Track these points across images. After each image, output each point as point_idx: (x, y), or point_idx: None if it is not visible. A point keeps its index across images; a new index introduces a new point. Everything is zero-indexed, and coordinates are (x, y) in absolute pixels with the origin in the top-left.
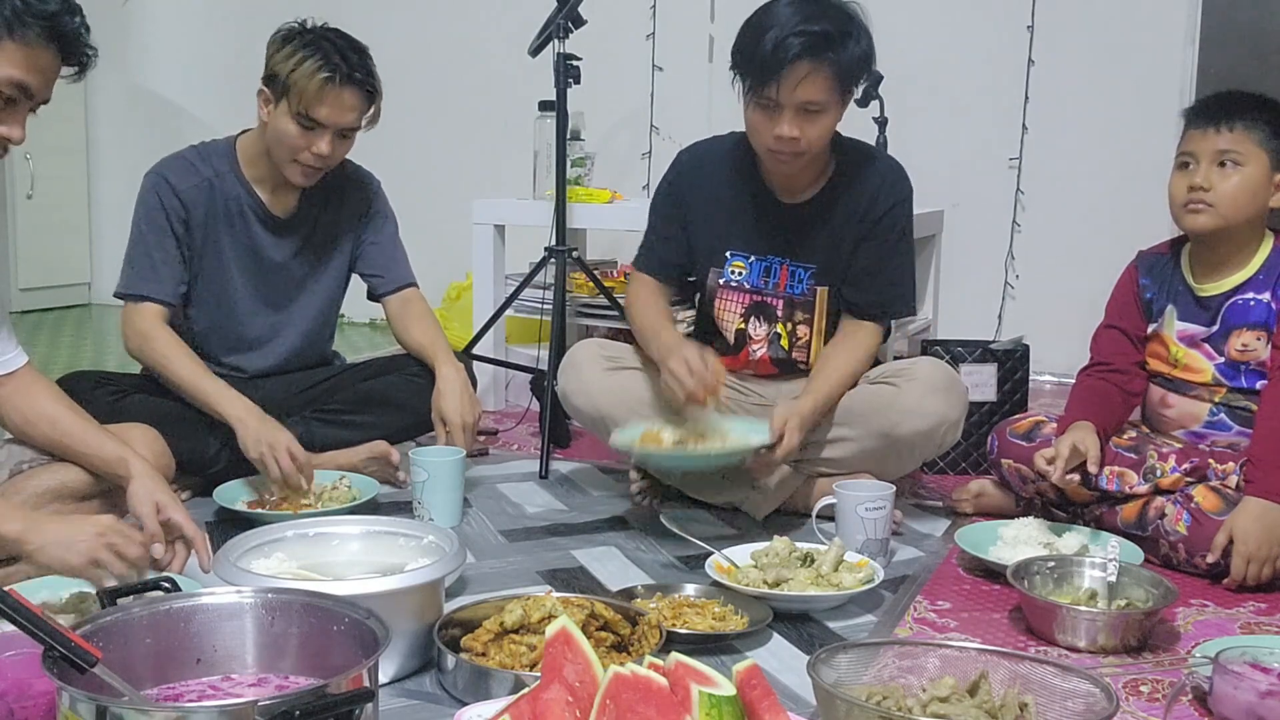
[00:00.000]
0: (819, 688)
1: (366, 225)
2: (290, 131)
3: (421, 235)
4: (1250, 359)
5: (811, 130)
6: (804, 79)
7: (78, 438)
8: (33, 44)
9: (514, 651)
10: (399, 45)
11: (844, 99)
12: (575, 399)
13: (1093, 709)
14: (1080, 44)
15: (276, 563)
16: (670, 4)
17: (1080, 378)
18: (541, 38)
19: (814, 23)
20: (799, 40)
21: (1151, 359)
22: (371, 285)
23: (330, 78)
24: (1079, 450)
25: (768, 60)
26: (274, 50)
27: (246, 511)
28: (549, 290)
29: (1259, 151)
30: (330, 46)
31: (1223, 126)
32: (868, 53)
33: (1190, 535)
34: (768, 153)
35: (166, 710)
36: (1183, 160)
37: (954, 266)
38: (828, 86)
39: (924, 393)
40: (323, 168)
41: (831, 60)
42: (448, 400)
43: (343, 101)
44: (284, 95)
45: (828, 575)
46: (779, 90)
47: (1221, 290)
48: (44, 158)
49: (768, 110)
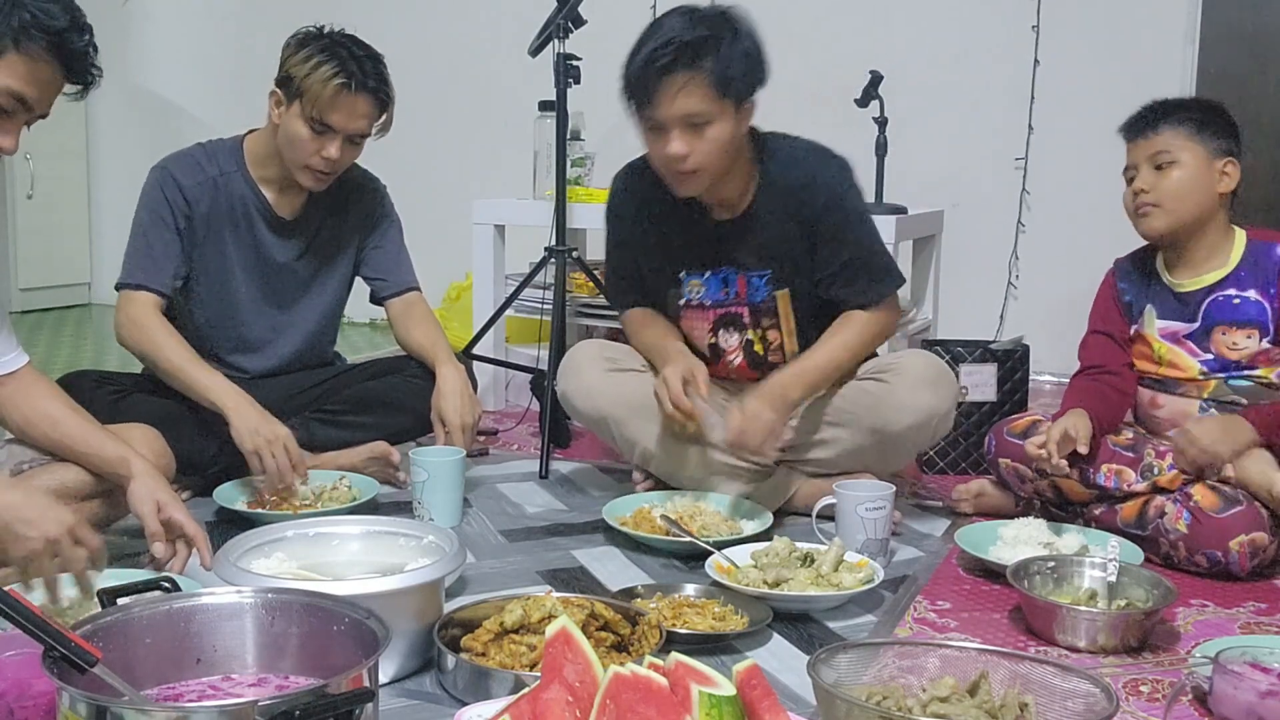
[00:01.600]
0: (819, 688)
1: (372, 230)
2: (302, 135)
3: (421, 235)
4: (1242, 356)
5: (702, 145)
6: (680, 91)
7: (78, 438)
8: (37, 58)
9: (514, 651)
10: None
11: (736, 107)
12: (576, 400)
13: (1093, 709)
14: (1085, 44)
15: (276, 563)
16: (670, 4)
17: (1073, 381)
18: (541, 38)
19: (685, 32)
20: (668, 52)
21: (1137, 359)
22: (374, 288)
23: (345, 84)
24: (1070, 436)
25: (641, 78)
26: (290, 53)
27: (246, 511)
28: (549, 290)
29: (1190, 145)
30: (346, 53)
31: (1150, 131)
32: (749, 54)
33: (1190, 534)
34: (667, 176)
35: (166, 710)
36: (1128, 174)
37: (954, 266)
38: (708, 95)
39: (913, 387)
40: (332, 172)
41: (707, 68)
42: (447, 401)
43: (356, 108)
44: (297, 98)
45: (828, 575)
46: (658, 107)
47: (1200, 286)
48: (44, 158)
49: (656, 131)
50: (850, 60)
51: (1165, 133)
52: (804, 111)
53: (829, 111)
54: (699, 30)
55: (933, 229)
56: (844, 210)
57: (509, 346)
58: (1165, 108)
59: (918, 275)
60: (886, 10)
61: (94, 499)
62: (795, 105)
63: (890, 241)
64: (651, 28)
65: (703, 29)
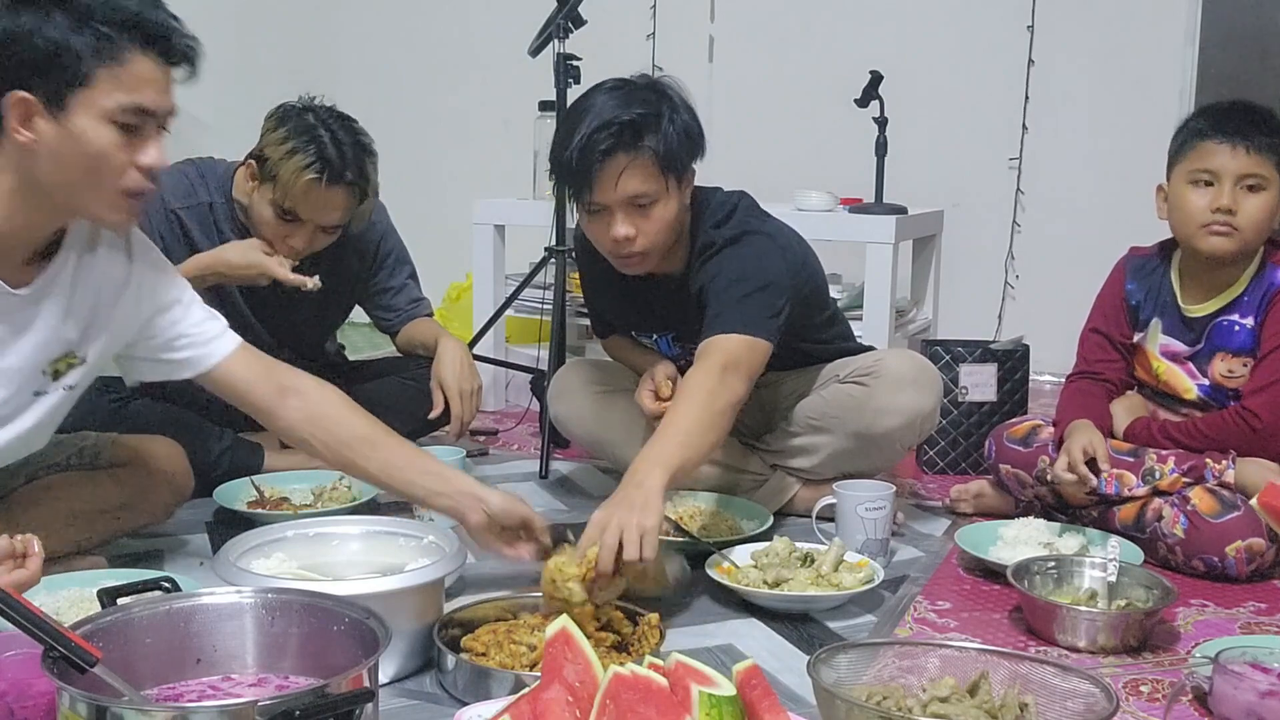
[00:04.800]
0: (819, 688)
1: (375, 270)
2: (269, 220)
3: (421, 235)
4: (1235, 385)
5: (648, 225)
6: (623, 173)
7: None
8: (127, 61)
9: (514, 651)
10: (399, 45)
11: (679, 183)
12: (570, 425)
13: (1093, 709)
14: (1080, 44)
15: (276, 563)
16: (670, 4)
17: (1070, 384)
18: (541, 38)
19: (623, 112)
20: (606, 134)
21: (1137, 368)
22: (382, 326)
23: (318, 178)
24: (1087, 451)
25: (579, 164)
26: (268, 129)
27: (246, 511)
28: (549, 290)
29: (1276, 175)
30: (328, 138)
31: (1248, 145)
32: (688, 127)
33: (1188, 538)
34: (612, 259)
35: (166, 710)
36: (1202, 178)
37: (954, 266)
38: (651, 175)
39: (894, 389)
40: (297, 259)
41: (649, 147)
42: (447, 368)
43: (328, 201)
44: (270, 181)
45: (828, 575)
46: (599, 191)
47: (1208, 311)
48: None
49: (599, 215)
50: (850, 60)
51: (1263, 153)
52: (804, 111)
53: (829, 111)
54: (635, 109)
55: (933, 229)
56: (736, 247)
57: (509, 346)
58: (1260, 121)
59: (918, 275)
60: (886, 10)
61: (119, 511)
62: (795, 105)
63: (890, 241)
64: (582, 109)
65: (638, 107)
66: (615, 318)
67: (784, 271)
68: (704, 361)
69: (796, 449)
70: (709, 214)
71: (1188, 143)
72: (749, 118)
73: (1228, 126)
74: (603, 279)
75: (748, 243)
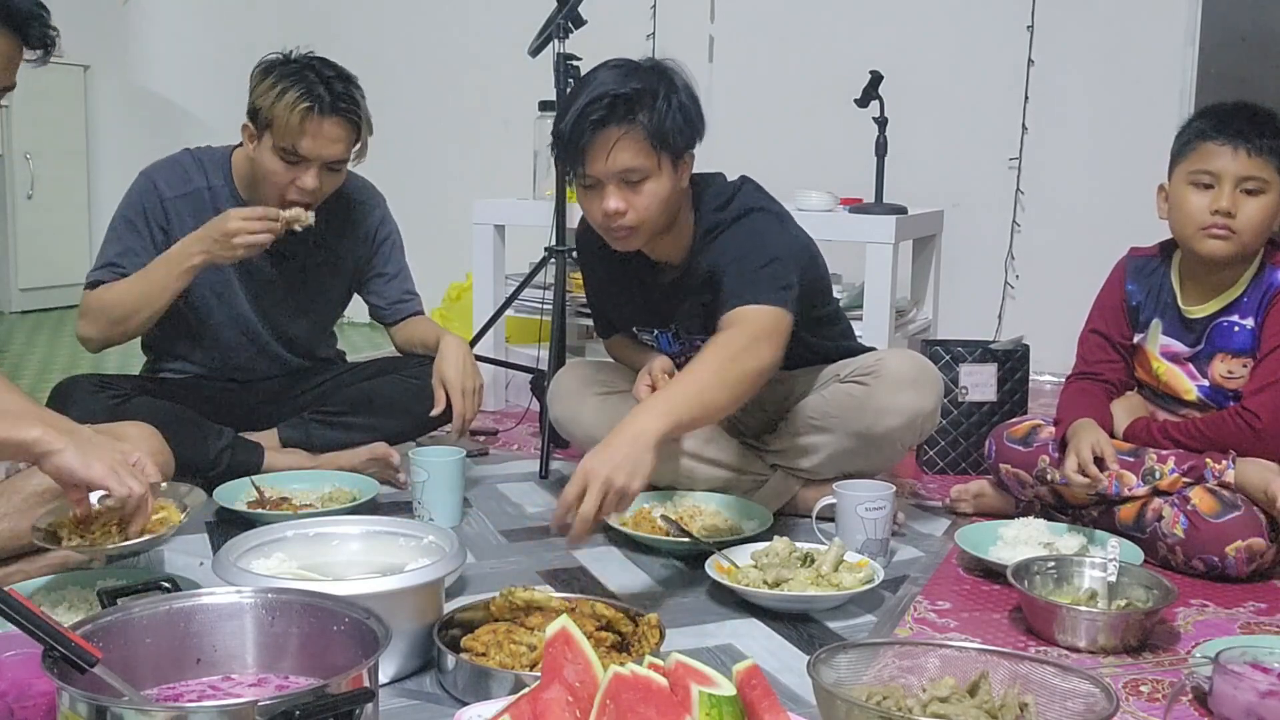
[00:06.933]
0: (819, 688)
1: (373, 252)
2: (275, 168)
3: (421, 235)
4: (1235, 386)
5: (639, 200)
6: (614, 146)
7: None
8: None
9: (514, 651)
10: (400, 46)
11: (674, 162)
12: (570, 427)
13: (1093, 709)
14: (1080, 44)
15: (276, 563)
16: (670, 4)
17: (1070, 384)
18: (541, 38)
19: (619, 86)
20: (600, 106)
21: (1137, 369)
22: (378, 315)
23: (310, 108)
24: (1095, 451)
25: (574, 133)
26: (255, 83)
27: (246, 511)
28: (549, 290)
29: (1277, 178)
30: (313, 76)
31: (1249, 148)
32: (685, 107)
33: (1187, 538)
34: (604, 233)
35: (166, 710)
36: (1202, 179)
37: (954, 266)
38: (643, 150)
39: (895, 389)
40: (312, 202)
41: (641, 122)
42: (449, 364)
43: (325, 132)
44: (266, 129)
45: (828, 575)
46: (592, 163)
47: (1208, 312)
48: (44, 158)
49: (592, 189)
50: (850, 60)
51: (1264, 155)
52: (804, 111)
53: (829, 111)
54: (632, 83)
55: (933, 229)
56: (743, 223)
57: (509, 347)
58: (1261, 122)
59: (918, 275)
60: (886, 10)
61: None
62: (795, 105)
63: (890, 241)
64: (583, 82)
65: (636, 82)
66: (616, 314)
67: (792, 247)
68: (732, 329)
69: (797, 449)
70: (710, 197)
71: (1189, 143)
72: (749, 118)
73: (1229, 128)
74: (604, 274)
75: (754, 218)
